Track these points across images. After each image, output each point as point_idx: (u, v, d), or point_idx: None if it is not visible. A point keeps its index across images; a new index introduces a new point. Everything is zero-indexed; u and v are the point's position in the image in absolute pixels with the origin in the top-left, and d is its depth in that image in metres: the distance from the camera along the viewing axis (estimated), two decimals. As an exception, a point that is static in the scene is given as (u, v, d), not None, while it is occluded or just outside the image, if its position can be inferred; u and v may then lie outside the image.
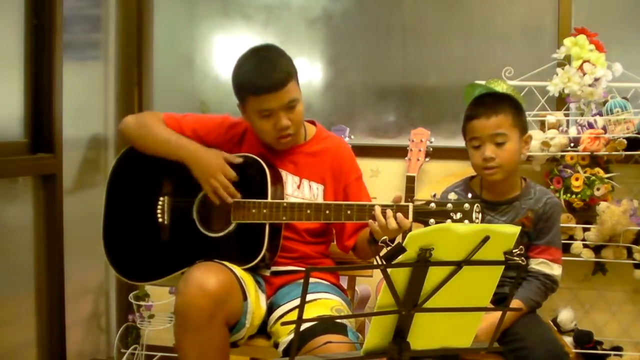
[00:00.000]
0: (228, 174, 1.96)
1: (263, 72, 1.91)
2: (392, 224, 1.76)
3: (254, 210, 1.92)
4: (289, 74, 1.93)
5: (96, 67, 2.91)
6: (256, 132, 2.02)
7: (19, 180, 2.36)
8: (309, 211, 1.88)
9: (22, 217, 2.38)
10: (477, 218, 1.70)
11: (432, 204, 1.74)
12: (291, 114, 1.95)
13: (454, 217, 1.71)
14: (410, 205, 1.77)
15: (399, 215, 1.76)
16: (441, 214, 1.73)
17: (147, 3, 3.07)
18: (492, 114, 1.93)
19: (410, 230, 1.96)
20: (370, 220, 1.80)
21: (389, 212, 1.77)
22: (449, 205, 1.72)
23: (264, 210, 1.91)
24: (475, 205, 1.70)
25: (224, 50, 3.15)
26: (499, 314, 1.37)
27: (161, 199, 2.06)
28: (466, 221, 1.70)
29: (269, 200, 1.93)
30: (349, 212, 1.85)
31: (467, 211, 1.71)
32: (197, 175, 1.99)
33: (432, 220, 1.74)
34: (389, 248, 1.87)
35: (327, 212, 1.87)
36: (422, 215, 1.75)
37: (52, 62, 2.39)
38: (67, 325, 2.51)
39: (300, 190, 2.04)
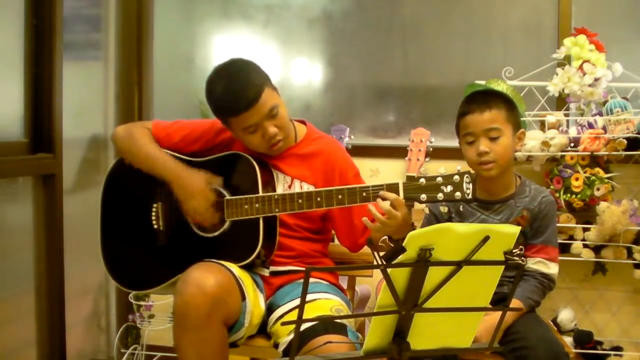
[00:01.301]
0: (208, 197, 1.96)
1: (235, 93, 1.90)
2: (384, 205, 1.75)
3: (246, 206, 1.93)
4: (261, 85, 1.92)
5: (96, 67, 2.91)
6: (247, 146, 2.02)
7: (19, 180, 2.35)
8: (300, 200, 1.88)
9: (22, 217, 2.37)
10: (467, 189, 1.68)
11: (422, 180, 1.73)
12: (276, 121, 1.95)
13: (445, 190, 1.70)
14: (400, 182, 1.77)
15: (382, 193, 1.76)
16: (432, 189, 1.72)
17: (147, 3, 3.07)
18: (485, 109, 1.94)
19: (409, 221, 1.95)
20: (370, 223, 1.80)
21: (382, 193, 1.77)
22: (439, 179, 1.71)
23: (257, 205, 1.92)
24: (465, 176, 1.69)
25: (224, 50, 3.15)
26: (498, 314, 1.37)
27: (155, 205, 2.06)
28: (457, 193, 1.69)
29: (260, 194, 1.93)
30: (340, 196, 1.84)
31: (457, 183, 1.69)
32: (178, 195, 2.00)
33: (423, 196, 1.73)
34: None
35: (319, 199, 1.86)
36: (413, 191, 1.75)
37: (52, 62, 2.39)
38: (67, 325, 2.51)
39: (291, 190, 2.04)
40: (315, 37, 3.08)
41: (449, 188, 1.70)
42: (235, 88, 1.91)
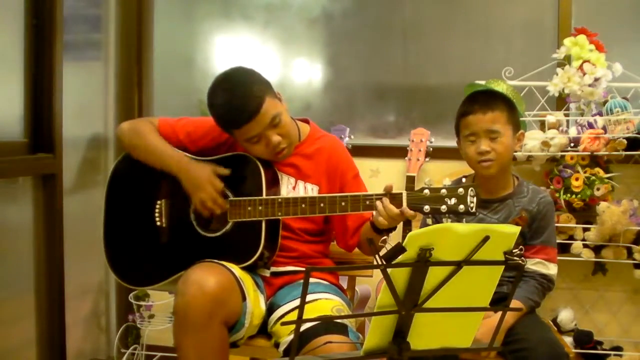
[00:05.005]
0: (216, 185, 1.96)
1: (236, 105, 1.89)
2: (393, 210, 1.75)
3: (249, 208, 1.93)
4: (261, 96, 1.90)
5: (96, 67, 2.91)
6: (253, 154, 2.01)
7: (19, 180, 2.35)
8: (303, 205, 1.88)
9: (22, 217, 2.37)
10: (471, 202, 1.69)
11: (426, 191, 1.74)
12: (279, 129, 1.95)
13: (449, 203, 1.71)
14: (404, 192, 1.77)
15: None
16: (435, 200, 1.72)
17: (147, 3, 3.07)
18: (487, 110, 1.95)
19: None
20: (375, 213, 1.80)
21: (385, 200, 1.77)
22: (443, 191, 1.72)
23: (260, 207, 1.92)
24: (470, 190, 1.70)
25: (224, 50, 3.15)
26: (499, 317, 1.37)
27: (158, 202, 2.07)
28: (461, 206, 1.69)
29: (264, 197, 1.93)
30: (343, 203, 1.84)
31: (461, 196, 1.70)
32: (186, 187, 2.00)
33: (426, 207, 1.73)
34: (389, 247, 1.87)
35: (322, 205, 1.87)
36: (416, 202, 1.75)
37: (52, 62, 2.39)
38: (67, 325, 2.51)
39: (295, 192, 2.04)
40: (315, 37, 3.08)
41: (453, 200, 1.70)
42: (236, 101, 1.90)
